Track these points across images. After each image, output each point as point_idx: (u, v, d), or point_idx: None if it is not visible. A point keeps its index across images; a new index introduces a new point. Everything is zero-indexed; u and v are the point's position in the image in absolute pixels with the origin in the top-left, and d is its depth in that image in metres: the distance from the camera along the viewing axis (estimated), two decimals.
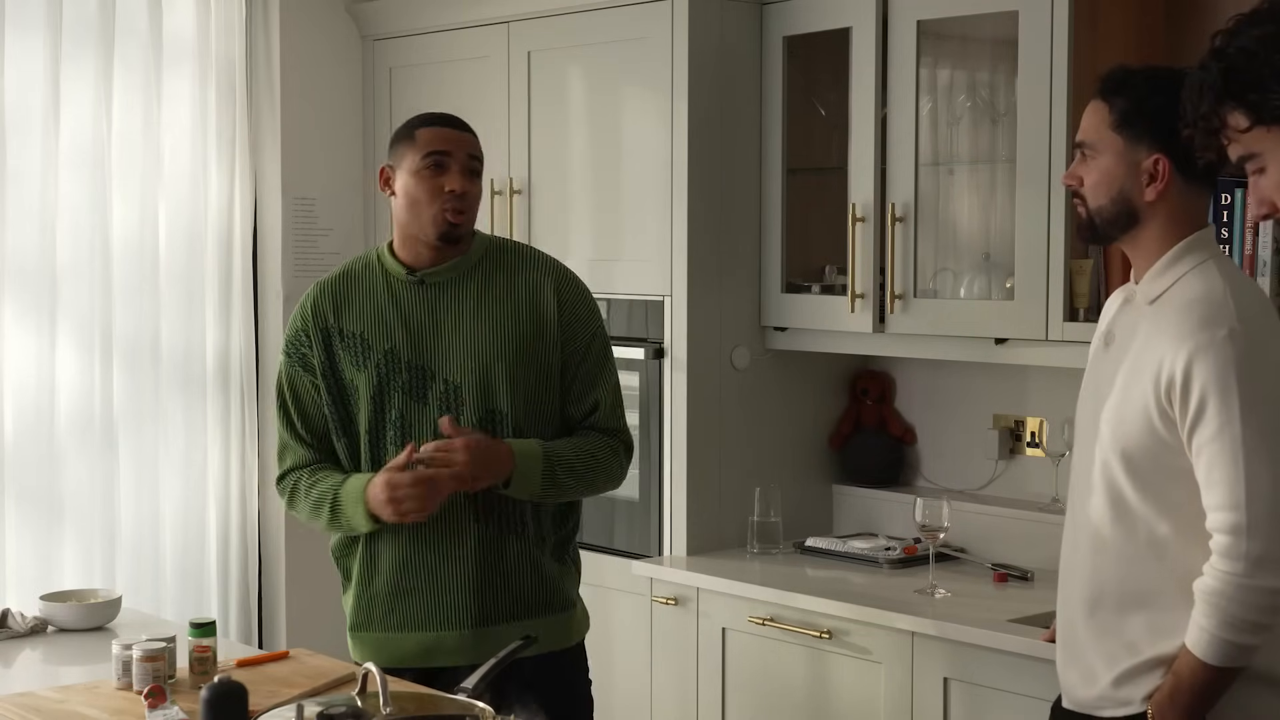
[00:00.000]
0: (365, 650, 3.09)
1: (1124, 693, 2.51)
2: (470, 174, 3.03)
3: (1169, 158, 2.50)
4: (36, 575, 4.22)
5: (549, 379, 3.05)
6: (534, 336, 3.03)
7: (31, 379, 4.26)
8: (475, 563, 3.00)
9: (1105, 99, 2.57)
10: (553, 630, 3.08)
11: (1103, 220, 2.57)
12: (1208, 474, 2.39)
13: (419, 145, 3.01)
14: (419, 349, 3.01)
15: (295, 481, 3.11)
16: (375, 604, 3.08)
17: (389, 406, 3.01)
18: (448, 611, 3.02)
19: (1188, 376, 2.39)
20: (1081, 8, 3.47)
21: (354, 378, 3.03)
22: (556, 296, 3.07)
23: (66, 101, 4.29)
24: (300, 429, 3.10)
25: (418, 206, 3.00)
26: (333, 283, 3.10)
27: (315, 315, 3.07)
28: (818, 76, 4.13)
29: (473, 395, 2.99)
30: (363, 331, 3.03)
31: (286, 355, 3.11)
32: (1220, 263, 2.52)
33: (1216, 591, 2.37)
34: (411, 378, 3.00)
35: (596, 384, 3.10)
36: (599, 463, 3.06)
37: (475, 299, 3.03)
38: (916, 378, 4.27)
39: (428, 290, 3.04)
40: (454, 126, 3.07)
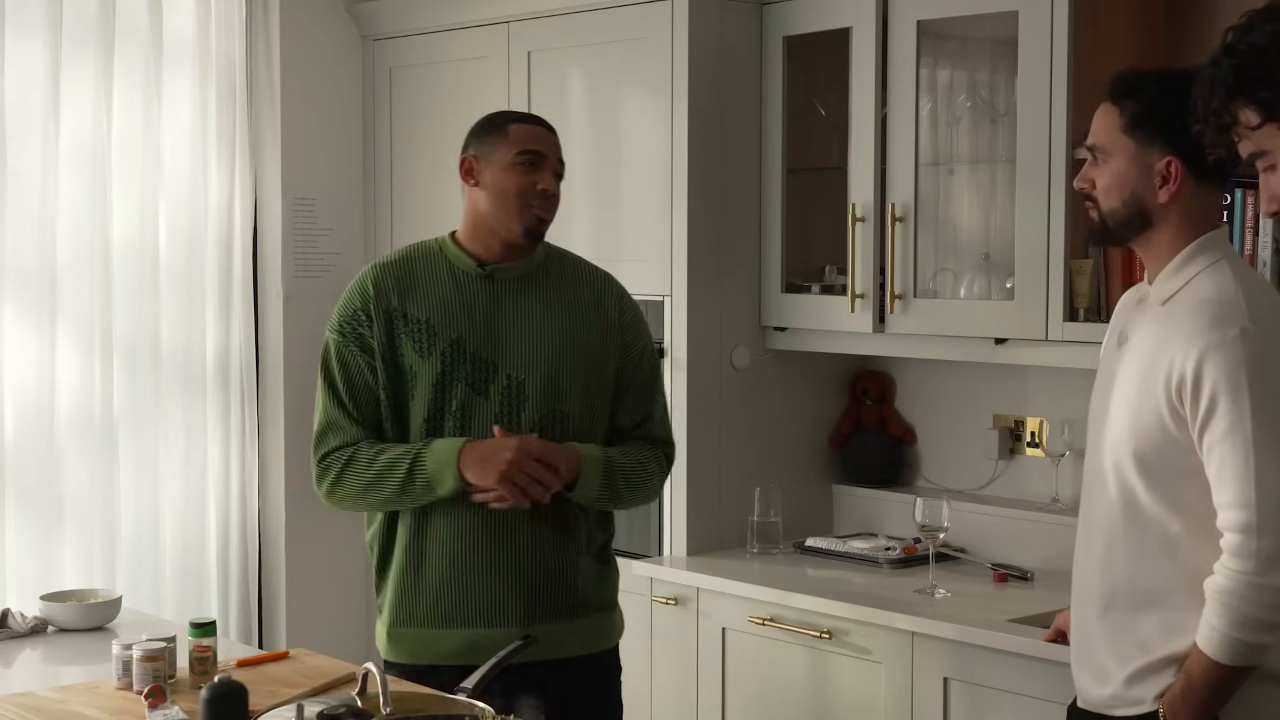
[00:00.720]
0: (404, 647, 3.02)
1: (1136, 692, 2.51)
2: (558, 177, 3.03)
3: (1181, 159, 2.49)
4: (36, 575, 4.22)
5: (605, 385, 3.05)
6: (597, 341, 3.04)
7: (31, 379, 4.26)
8: (527, 560, 2.97)
9: (1115, 102, 2.56)
10: (593, 632, 3.07)
11: (1115, 223, 2.57)
12: (1218, 472, 2.39)
13: (513, 140, 3.00)
14: (485, 342, 2.97)
15: (352, 454, 2.98)
16: (420, 598, 3.00)
17: (450, 397, 2.96)
18: (496, 608, 2.97)
19: (1199, 375, 2.39)
20: (1081, 8, 3.47)
21: (415, 364, 2.97)
22: (618, 305, 3.09)
23: (66, 101, 4.29)
24: (351, 408, 3.00)
25: (506, 200, 2.99)
26: (393, 265, 3.05)
27: (378, 295, 3.01)
28: (818, 76, 4.13)
29: (536, 393, 2.97)
30: (429, 318, 2.98)
31: (340, 334, 3.02)
32: (1233, 263, 2.52)
33: (1227, 590, 2.37)
34: (475, 370, 2.96)
35: (650, 395, 3.12)
36: (648, 475, 3.07)
37: (543, 299, 3.03)
38: (916, 378, 4.27)
39: (495, 285, 3.01)
40: (546, 127, 3.07)
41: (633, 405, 3.09)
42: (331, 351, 3.04)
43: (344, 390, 3.01)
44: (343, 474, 2.99)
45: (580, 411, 3.01)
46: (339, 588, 4.84)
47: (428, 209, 4.66)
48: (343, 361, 3.02)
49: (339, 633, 4.75)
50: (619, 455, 3.03)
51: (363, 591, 4.90)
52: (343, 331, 3.03)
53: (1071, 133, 3.45)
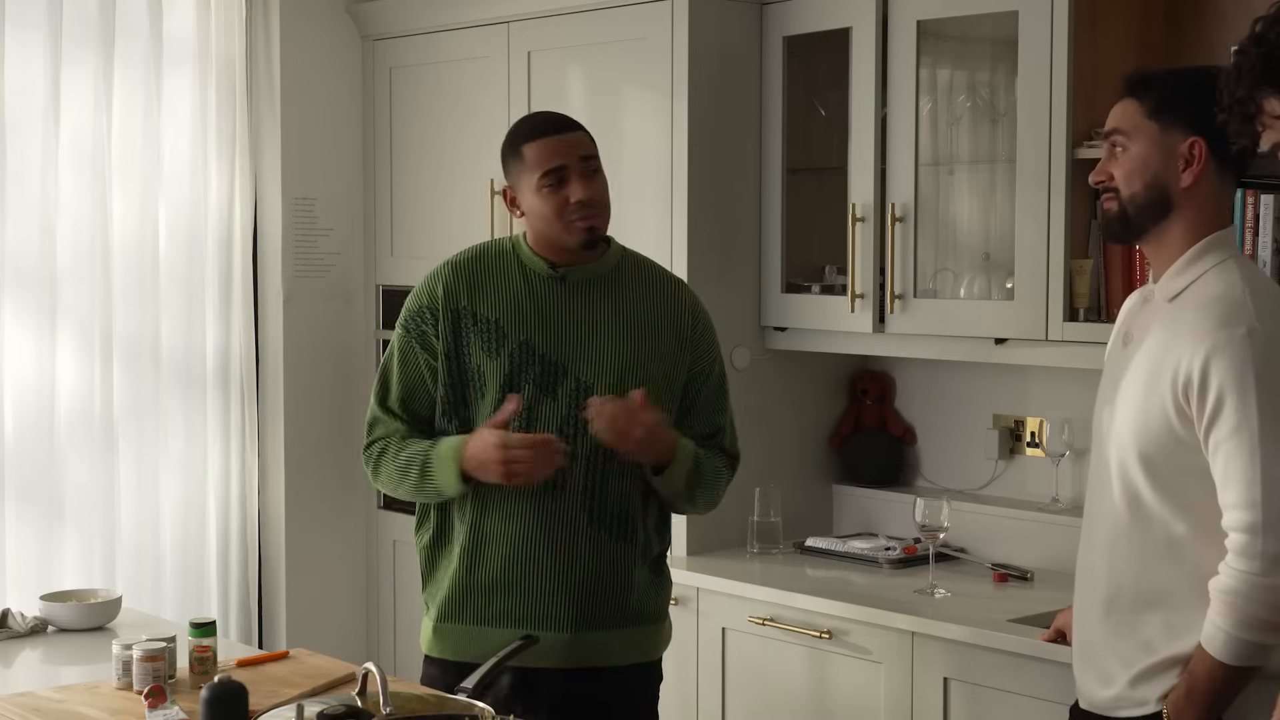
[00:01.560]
0: (449, 643, 3.00)
1: (1140, 693, 2.51)
2: (589, 175, 2.95)
3: (1205, 141, 2.49)
4: (36, 575, 4.22)
5: (674, 392, 3.02)
6: (668, 348, 3.01)
7: (31, 379, 4.26)
8: (583, 565, 2.95)
9: (1134, 95, 2.56)
10: (642, 642, 3.05)
11: (1136, 209, 2.55)
12: (1224, 472, 2.39)
13: (530, 164, 2.94)
14: (555, 344, 2.95)
15: (385, 445, 2.99)
16: (473, 596, 2.97)
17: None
18: (549, 611, 2.94)
19: (1205, 374, 2.39)
20: (1081, 8, 3.47)
21: (482, 364, 2.95)
22: (692, 315, 3.05)
23: (66, 101, 4.29)
24: (395, 403, 3.01)
25: (549, 222, 2.94)
26: (466, 265, 3.02)
27: (448, 295, 2.98)
28: (818, 76, 4.13)
29: (604, 396, 2.93)
30: (498, 319, 2.96)
31: (405, 329, 3.01)
32: (1240, 262, 2.52)
33: (1232, 590, 2.37)
34: (544, 371, 2.94)
35: (721, 408, 3.10)
36: (720, 482, 3.07)
37: (614, 303, 3.00)
38: (916, 378, 4.27)
39: (567, 288, 2.98)
40: (556, 131, 2.98)
41: (704, 418, 3.06)
42: (395, 345, 3.04)
43: (396, 384, 3.01)
44: (379, 465, 3.01)
45: None
46: (339, 588, 4.84)
47: (428, 209, 4.66)
48: (403, 356, 3.02)
49: (339, 633, 4.75)
50: (704, 455, 3.02)
51: (363, 591, 4.90)
52: (408, 327, 3.02)
53: (1071, 133, 3.46)
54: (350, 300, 4.85)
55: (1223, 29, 3.53)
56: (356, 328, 4.85)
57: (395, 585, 4.79)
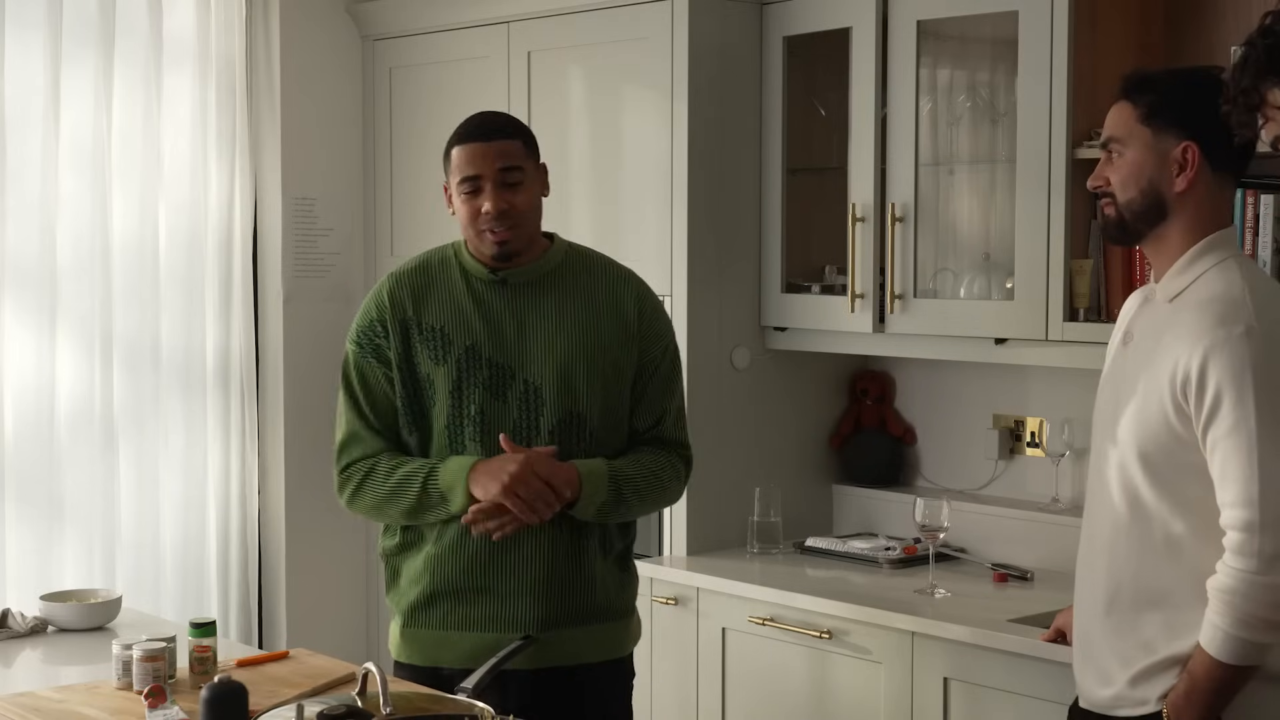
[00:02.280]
0: (417, 648, 3.02)
1: (1140, 692, 2.51)
2: (506, 187, 2.94)
3: (1198, 145, 2.49)
4: (36, 575, 4.22)
5: (624, 386, 3.02)
6: (615, 343, 3.01)
7: (31, 379, 4.26)
8: (545, 566, 2.96)
9: (1129, 98, 2.57)
10: (610, 638, 3.06)
11: (1132, 214, 2.56)
12: (1222, 470, 2.39)
13: (454, 169, 2.97)
14: (500, 347, 2.96)
15: (371, 466, 2.99)
16: (437, 601, 2.99)
17: (468, 402, 2.95)
18: (512, 613, 2.95)
19: (1203, 373, 2.39)
20: (1081, 8, 3.47)
21: (431, 372, 2.97)
22: (637, 306, 3.05)
23: (66, 101, 4.29)
24: (372, 418, 3.02)
25: (465, 229, 2.98)
26: (410, 274, 3.04)
27: (394, 306, 3.00)
28: (818, 76, 4.13)
29: (553, 396, 2.95)
30: (443, 326, 2.97)
31: (357, 345, 3.03)
32: (1241, 261, 2.52)
33: (1230, 589, 2.37)
34: (492, 375, 2.95)
35: (667, 396, 3.08)
36: (662, 484, 3.04)
37: (556, 302, 3.00)
38: (916, 378, 4.27)
39: (509, 290, 2.99)
40: (483, 138, 2.96)
41: (648, 407, 3.06)
42: (351, 363, 3.05)
43: (364, 401, 3.02)
44: (362, 486, 3.01)
45: (599, 414, 2.99)
46: (339, 588, 4.84)
47: (427, 209, 4.66)
48: (361, 373, 3.03)
49: (339, 633, 4.75)
50: (628, 466, 2.99)
51: (362, 591, 4.90)
52: (360, 343, 3.03)
53: (1071, 133, 3.46)
54: (350, 300, 4.83)
55: (1223, 29, 3.53)
56: None
57: None
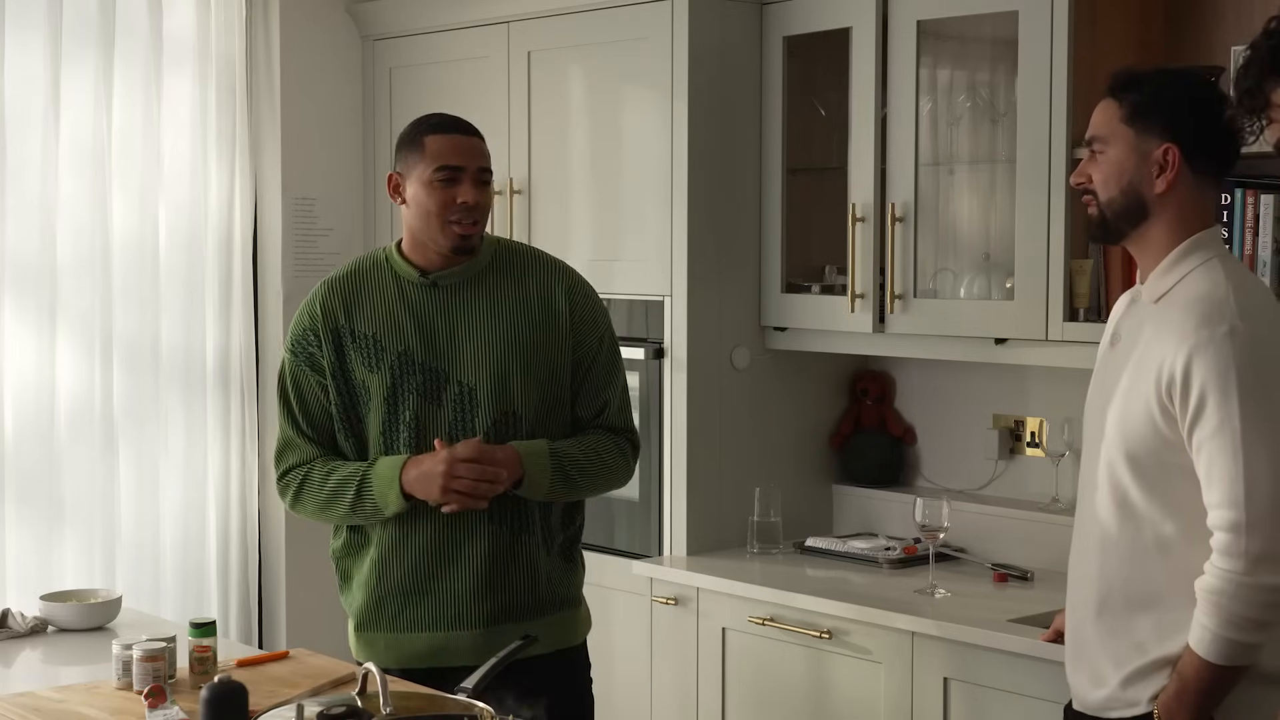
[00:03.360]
0: (372, 650, 3.06)
1: (1131, 694, 2.52)
2: (481, 184, 2.99)
3: (1179, 148, 2.50)
4: (36, 575, 4.22)
5: (561, 380, 3.05)
6: (547, 338, 3.03)
7: (31, 379, 4.26)
8: (487, 563, 2.99)
9: (1115, 96, 2.57)
10: (560, 629, 3.08)
11: (1113, 214, 2.57)
12: (1208, 471, 2.40)
13: (429, 156, 2.97)
14: (433, 351, 2.99)
15: (305, 473, 3.05)
16: (386, 604, 3.05)
17: (403, 408, 2.98)
18: (459, 611, 3.00)
19: (1188, 373, 2.39)
20: (1081, 8, 3.47)
21: (365, 379, 3.00)
22: (568, 298, 3.06)
23: (66, 101, 4.29)
24: (305, 426, 3.07)
25: (429, 218, 2.97)
26: (341, 282, 3.07)
27: (325, 315, 3.03)
28: (818, 76, 4.13)
29: (488, 397, 2.98)
30: (375, 333, 3.00)
31: (292, 353, 3.07)
32: (1225, 261, 2.52)
33: (1217, 590, 2.37)
34: (426, 380, 2.98)
35: (607, 385, 3.10)
36: (606, 462, 3.06)
37: (488, 301, 3.02)
38: (916, 378, 4.26)
39: (440, 293, 3.02)
40: (463, 132, 3.02)
41: (589, 396, 3.08)
42: (286, 371, 3.09)
43: (297, 409, 3.07)
44: (300, 492, 3.07)
45: (535, 411, 3.01)
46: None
47: None
48: (296, 381, 3.07)
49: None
50: (570, 446, 3.02)
51: None
52: (294, 352, 3.07)
53: (1071, 133, 3.45)
54: None
55: (1223, 29, 3.53)
56: None
57: None
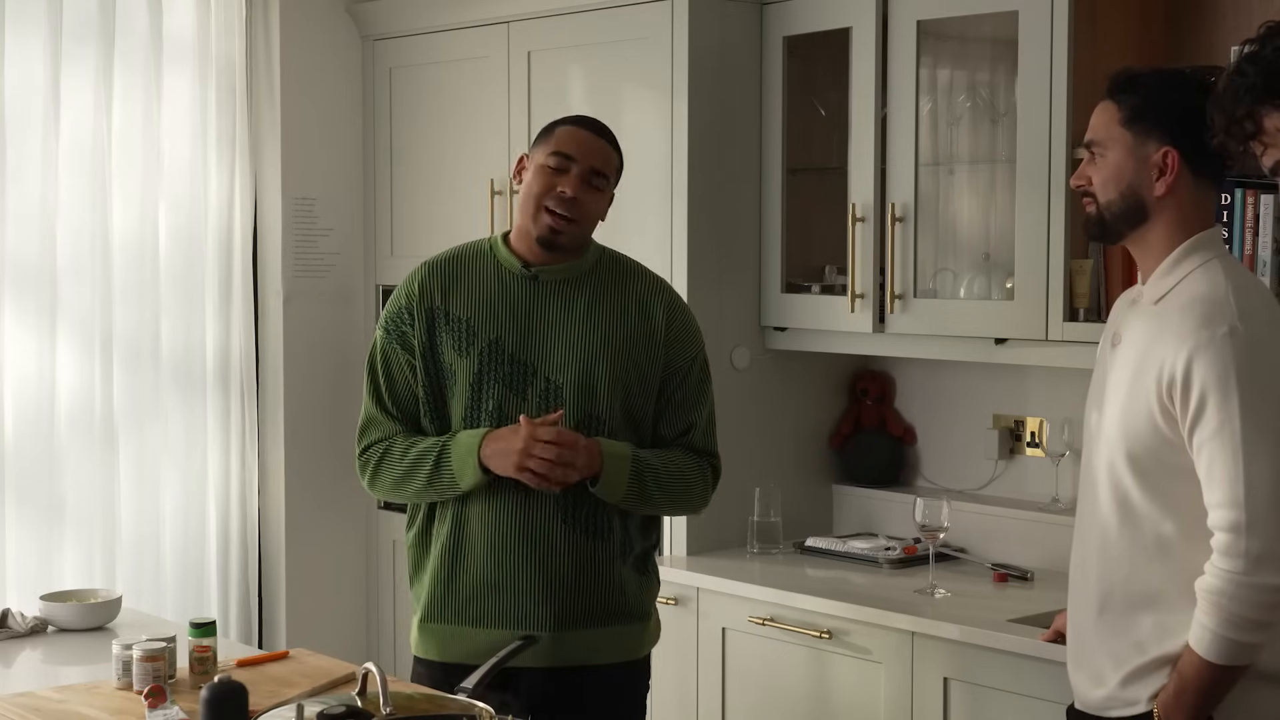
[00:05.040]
0: (432, 643, 3.03)
1: (1131, 693, 2.52)
2: (588, 184, 2.97)
3: (1178, 151, 2.50)
4: (36, 575, 4.22)
5: (648, 393, 3.03)
6: (640, 349, 3.01)
7: (31, 379, 4.26)
8: (562, 565, 2.96)
9: (1114, 98, 2.57)
10: (626, 641, 3.05)
11: (1112, 215, 2.57)
12: (1208, 471, 2.40)
13: (552, 141, 2.99)
14: (524, 343, 2.97)
15: (387, 447, 3.01)
16: (455, 596, 3.00)
17: (486, 396, 2.96)
18: (529, 611, 2.96)
19: (1188, 374, 2.40)
20: (1082, 8, 3.47)
21: (453, 362, 2.98)
22: (666, 314, 3.05)
23: (66, 101, 4.29)
24: (389, 404, 3.03)
25: (529, 200, 2.98)
26: (442, 264, 3.06)
27: (423, 295, 3.01)
28: (818, 76, 4.13)
29: (573, 397, 2.95)
30: (469, 318, 2.99)
31: (385, 330, 3.04)
32: (1225, 262, 2.52)
33: (1217, 590, 2.37)
34: (513, 370, 2.96)
35: (695, 406, 3.08)
36: (687, 480, 3.03)
37: (586, 303, 3.01)
38: (916, 378, 4.27)
39: (540, 287, 3.01)
40: (594, 132, 3.02)
41: (675, 416, 3.06)
42: (377, 348, 3.07)
43: (384, 386, 3.04)
44: (379, 466, 3.03)
45: (619, 418, 2.99)
46: (339, 588, 4.84)
47: (427, 209, 4.66)
48: (385, 358, 3.05)
49: (339, 633, 4.75)
50: (652, 457, 2.99)
51: (362, 591, 4.90)
52: (387, 329, 3.05)
53: (1071, 133, 3.45)
54: (350, 300, 4.85)
55: (1223, 30, 3.53)
56: (356, 328, 4.84)
57: (395, 585, 4.79)
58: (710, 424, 3.11)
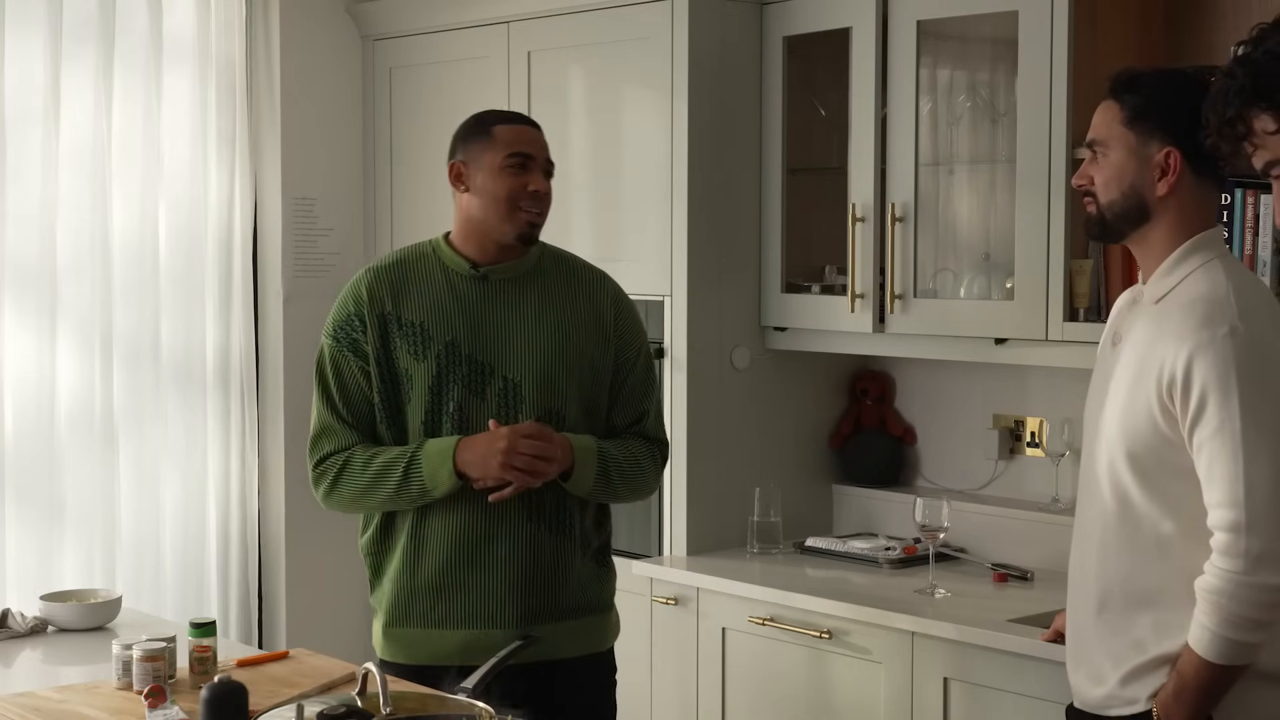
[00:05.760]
0: (400, 647, 3.04)
1: (1130, 691, 2.52)
2: (547, 175, 3.04)
3: (1180, 151, 2.50)
4: (36, 575, 4.22)
5: (601, 385, 3.07)
6: (592, 342, 3.04)
7: (31, 379, 4.26)
8: (524, 561, 2.99)
9: (1116, 98, 2.57)
10: (590, 633, 3.08)
11: (1114, 215, 2.57)
12: (1208, 471, 2.40)
13: (500, 143, 2.99)
14: (480, 344, 2.99)
15: (346, 459, 3.00)
16: (417, 599, 3.02)
17: (447, 399, 2.97)
18: (493, 609, 2.98)
19: (1188, 374, 2.40)
20: (1082, 8, 3.47)
21: (410, 367, 2.99)
22: (613, 307, 3.09)
23: (66, 101, 4.29)
24: (344, 412, 3.02)
25: (498, 205, 2.98)
26: (387, 270, 3.06)
27: (372, 301, 3.01)
28: (818, 76, 4.13)
29: (532, 394, 2.98)
30: (423, 321, 2.99)
31: (334, 339, 3.04)
32: (1226, 262, 2.52)
33: (1217, 589, 2.37)
34: (471, 371, 2.98)
35: (645, 395, 3.13)
36: (642, 469, 3.09)
37: (538, 300, 3.03)
38: (916, 378, 4.27)
39: (490, 286, 3.02)
40: (532, 125, 3.07)
41: (627, 405, 3.11)
42: (326, 356, 3.05)
43: (338, 395, 3.03)
44: (339, 478, 3.01)
45: (576, 413, 3.03)
46: (339, 588, 4.83)
47: (427, 209, 4.66)
48: (336, 367, 3.03)
49: (339, 633, 4.75)
50: (613, 448, 3.04)
51: (362, 592, 4.87)
52: (337, 337, 3.04)
53: (1071, 133, 3.45)
54: None
55: (1223, 30, 3.53)
56: None
57: None
58: (659, 411, 3.18)
